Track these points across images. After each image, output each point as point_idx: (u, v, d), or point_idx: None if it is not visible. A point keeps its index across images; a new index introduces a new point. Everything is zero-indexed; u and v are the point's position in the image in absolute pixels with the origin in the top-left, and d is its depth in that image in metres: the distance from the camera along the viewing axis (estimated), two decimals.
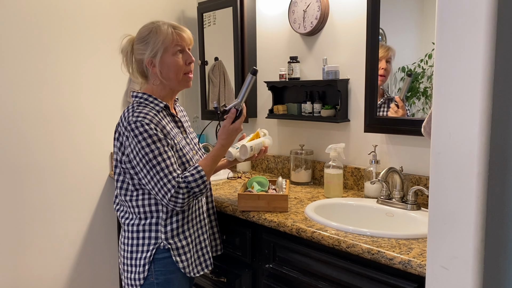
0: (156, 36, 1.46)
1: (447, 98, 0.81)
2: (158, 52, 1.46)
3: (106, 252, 2.56)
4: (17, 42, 2.17)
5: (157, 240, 1.46)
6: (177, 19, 2.76)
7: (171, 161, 1.40)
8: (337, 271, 1.41)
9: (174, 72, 1.48)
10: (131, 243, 1.48)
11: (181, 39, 1.48)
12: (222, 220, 1.80)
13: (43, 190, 2.30)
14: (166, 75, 1.48)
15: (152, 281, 1.46)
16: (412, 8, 1.78)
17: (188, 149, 1.52)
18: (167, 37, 1.46)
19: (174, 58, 1.47)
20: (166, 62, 1.47)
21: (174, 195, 1.37)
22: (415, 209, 1.61)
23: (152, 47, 1.47)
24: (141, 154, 1.38)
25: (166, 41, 1.46)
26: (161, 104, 1.48)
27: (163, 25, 1.48)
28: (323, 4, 2.02)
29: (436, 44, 0.83)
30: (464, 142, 0.79)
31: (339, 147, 1.87)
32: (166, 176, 1.37)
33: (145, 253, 1.46)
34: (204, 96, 2.76)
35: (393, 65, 1.80)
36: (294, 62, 2.16)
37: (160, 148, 1.39)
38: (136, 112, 1.42)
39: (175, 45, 1.47)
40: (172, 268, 1.47)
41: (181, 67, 1.49)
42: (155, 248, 1.45)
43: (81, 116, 2.41)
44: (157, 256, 1.46)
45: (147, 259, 1.45)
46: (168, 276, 1.47)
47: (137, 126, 1.38)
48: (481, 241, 0.79)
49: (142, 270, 1.45)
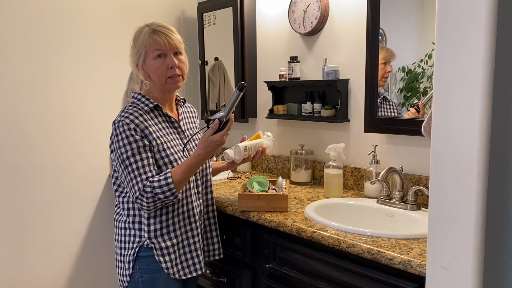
0: (138, 40, 1.51)
1: (447, 98, 0.81)
2: (141, 55, 1.50)
3: (106, 252, 2.56)
4: (16, 43, 2.17)
5: (140, 238, 1.48)
6: (177, 19, 2.76)
7: (143, 162, 1.41)
8: (337, 271, 1.41)
9: (156, 76, 1.50)
10: (120, 239, 1.52)
11: (157, 44, 1.47)
12: (222, 220, 1.80)
13: (43, 190, 2.30)
14: (152, 77, 1.52)
15: (137, 279, 1.48)
16: (412, 8, 1.78)
17: (174, 150, 1.51)
18: (144, 41, 1.49)
19: (154, 62, 1.49)
20: (149, 65, 1.50)
21: (139, 197, 1.39)
22: (415, 209, 1.61)
23: (136, 50, 1.51)
24: (118, 153, 1.43)
25: (145, 45, 1.49)
26: (150, 105, 1.51)
27: (144, 28, 1.50)
28: (323, 4, 2.02)
29: (436, 44, 0.83)
30: (464, 142, 0.79)
31: (339, 147, 1.87)
32: (135, 178, 1.40)
33: (130, 250, 1.49)
34: (204, 96, 2.76)
35: (393, 66, 1.80)
36: (294, 62, 2.16)
37: (134, 149, 1.41)
38: (123, 112, 1.47)
39: (154, 50, 1.48)
40: (156, 267, 1.48)
41: (162, 71, 1.49)
42: (139, 246, 1.48)
43: (81, 116, 2.41)
44: (141, 254, 1.48)
45: (131, 256, 1.48)
46: (153, 275, 1.48)
47: (118, 126, 1.44)
48: (481, 241, 0.79)
49: (128, 267, 1.49)
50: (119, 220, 1.54)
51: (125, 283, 1.50)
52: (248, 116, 2.46)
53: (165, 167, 1.46)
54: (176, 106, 1.64)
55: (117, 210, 1.56)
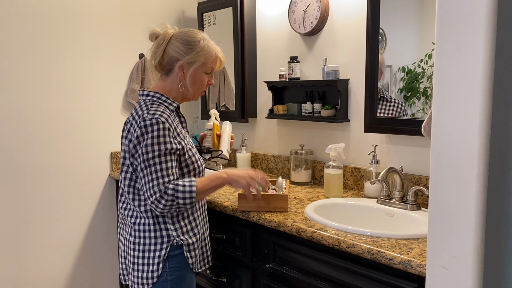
0: (203, 49, 1.52)
1: (447, 98, 0.82)
2: (195, 63, 1.52)
3: (106, 252, 2.56)
4: (17, 43, 2.17)
5: (169, 238, 1.48)
6: (177, 19, 2.76)
7: (168, 165, 1.40)
8: (337, 271, 1.41)
9: (197, 87, 1.56)
10: (143, 242, 1.48)
11: (217, 64, 1.57)
12: (222, 220, 1.80)
13: (44, 190, 2.30)
14: (190, 84, 1.54)
15: (166, 278, 1.47)
16: (412, 8, 1.78)
17: (194, 150, 1.55)
18: (211, 57, 1.54)
19: (203, 75, 1.55)
20: (196, 75, 1.54)
21: (158, 199, 1.37)
22: (415, 209, 1.61)
23: (193, 55, 1.51)
24: (144, 150, 1.39)
25: (208, 59, 1.53)
26: (174, 104, 1.52)
27: (210, 44, 1.56)
28: (323, 4, 2.02)
29: (436, 44, 0.83)
30: (464, 142, 0.79)
31: (339, 147, 1.87)
32: (158, 179, 1.38)
33: (159, 251, 1.47)
34: (204, 96, 2.76)
35: (392, 66, 1.80)
36: (294, 62, 2.16)
37: (162, 150, 1.39)
38: (152, 110, 1.43)
39: (210, 66, 1.55)
40: (184, 264, 1.50)
41: (203, 86, 1.58)
42: (169, 246, 1.47)
43: (81, 117, 2.41)
44: (171, 253, 1.48)
45: (162, 257, 1.46)
46: (181, 272, 1.50)
47: (152, 123, 1.40)
48: (481, 241, 0.79)
49: (156, 269, 1.47)
50: (140, 223, 1.49)
51: (149, 285, 1.47)
52: (248, 116, 2.46)
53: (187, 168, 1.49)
54: None
55: (133, 213, 1.51)
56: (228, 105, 2.58)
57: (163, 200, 1.37)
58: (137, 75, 2.54)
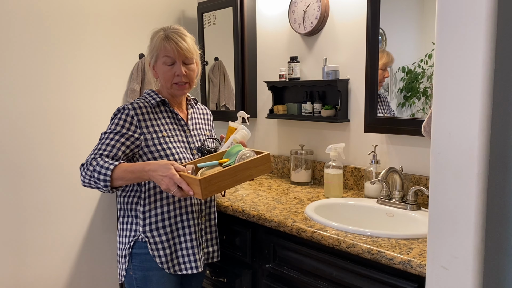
0: (152, 41, 1.55)
1: (447, 98, 0.82)
2: (153, 57, 1.55)
3: (106, 252, 2.56)
4: (17, 43, 2.17)
5: (136, 232, 1.50)
6: (177, 19, 2.76)
7: (108, 142, 1.44)
8: (337, 271, 1.41)
9: (163, 80, 1.55)
10: (119, 234, 1.56)
11: (166, 51, 1.50)
12: (222, 220, 1.80)
13: (43, 190, 2.30)
14: (161, 80, 1.57)
15: (131, 275, 1.51)
16: (412, 8, 1.78)
17: (176, 145, 1.53)
18: (156, 45, 1.53)
19: (163, 66, 1.54)
20: (158, 68, 1.55)
21: (84, 165, 1.42)
22: (415, 209, 1.61)
23: (150, 51, 1.56)
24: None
25: (157, 49, 1.53)
26: (157, 99, 1.56)
27: (159, 32, 1.54)
28: (323, 4, 2.02)
29: (436, 44, 0.83)
30: (464, 142, 0.79)
31: (339, 147, 1.87)
32: (94, 150, 1.44)
33: (126, 244, 1.51)
34: (204, 96, 2.76)
35: (393, 66, 1.80)
36: (294, 62, 2.16)
37: (111, 129, 1.46)
38: (130, 103, 1.52)
39: (164, 56, 1.52)
40: (150, 265, 1.49)
41: (169, 76, 1.53)
42: (134, 241, 1.50)
43: (81, 116, 2.41)
44: (135, 250, 1.50)
45: (127, 250, 1.50)
46: (146, 273, 1.50)
47: (118, 110, 1.49)
48: (481, 241, 0.79)
49: (124, 261, 1.52)
50: (120, 215, 1.57)
51: (122, 278, 1.54)
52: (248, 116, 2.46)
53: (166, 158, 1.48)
54: (187, 106, 1.68)
55: (119, 206, 1.58)
56: (228, 105, 2.58)
57: (85, 168, 1.41)
58: (137, 75, 2.54)
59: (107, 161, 1.39)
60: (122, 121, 1.47)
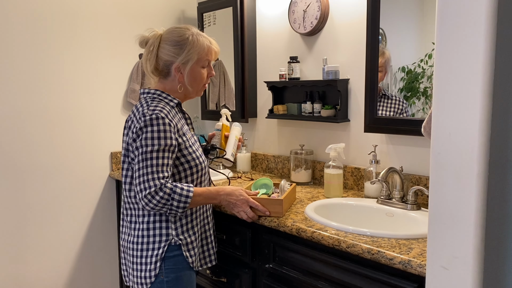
0: (194, 45, 1.50)
1: (447, 98, 0.82)
2: (189, 61, 1.50)
3: (106, 252, 2.56)
4: (17, 43, 2.17)
5: (168, 236, 1.47)
6: (177, 19, 2.76)
7: (164, 161, 1.39)
8: (337, 271, 1.41)
9: (197, 83, 1.55)
10: (141, 241, 1.47)
11: (213, 55, 1.55)
12: (222, 220, 1.80)
13: (43, 190, 2.30)
14: (189, 83, 1.53)
15: (162, 279, 1.46)
16: (412, 8, 1.77)
17: (195, 147, 1.53)
18: (203, 50, 1.51)
19: (201, 70, 1.54)
20: (194, 72, 1.52)
21: (152, 193, 1.36)
22: (415, 209, 1.61)
23: (185, 55, 1.49)
24: (144, 143, 1.39)
25: (201, 53, 1.51)
26: (175, 100, 1.52)
27: (200, 36, 1.53)
28: (323, 4, 2.02)
29: (436, 44, 0.83)
30: (464, 142, 0.79)
31: (339, 147, 1.87)
32: (153, 173, 1.37)
33: (157, 250, 1.46)
34: (204, 96, 2.76)
35: (392, 66, 1.80)
36: (294, 62, 2.16)
37: (162, 145, 1.39)
38: (152, 106, 1.43)
39: (206, 59, 1.53)
40: (182, 266, 1.49)
41: (204, 79, 1.56)
42: (167, 245, 1.46)
43: (81, 116, 2.41)
44: (168, 254, 1.46)
45: (159, 256, 1.45)
46: (178, 274, 1.48)
47: (152, 118, 1.39)
48: (481, 241, 0.79)
49: (154, 268, 1.45)
50: (137, 221, 1.49)
51: (148, 285, 1.47)
52: (248, 116, 2.46)
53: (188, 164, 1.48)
54: None
55: (133, 212, 1.50)
56: (228, 105, 2.58)
57: (157, 196, 1.36)
58: (137, 75, 2.54)
59: (182, 188, 1.40)
60: (163, 132, 1.40)
